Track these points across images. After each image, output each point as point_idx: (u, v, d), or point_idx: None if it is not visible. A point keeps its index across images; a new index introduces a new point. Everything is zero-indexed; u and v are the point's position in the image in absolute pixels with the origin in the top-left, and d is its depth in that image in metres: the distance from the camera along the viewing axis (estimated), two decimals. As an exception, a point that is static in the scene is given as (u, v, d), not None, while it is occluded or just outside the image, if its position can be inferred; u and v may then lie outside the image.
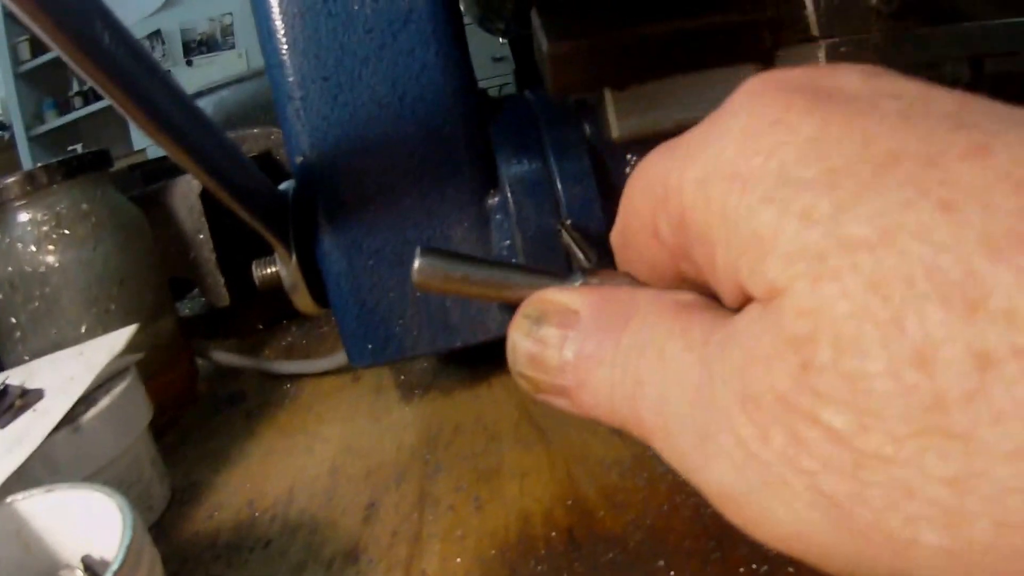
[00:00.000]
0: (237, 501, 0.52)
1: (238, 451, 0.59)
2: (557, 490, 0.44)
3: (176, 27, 4.21)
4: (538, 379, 0.26)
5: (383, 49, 0.50)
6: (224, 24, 4.16)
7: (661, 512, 0.40)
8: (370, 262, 0.52)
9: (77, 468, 0.47)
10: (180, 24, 4.21)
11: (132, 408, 0.52)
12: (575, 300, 0.26)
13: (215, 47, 4.23)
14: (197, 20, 4.21)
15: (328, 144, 0.51)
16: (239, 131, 0.89)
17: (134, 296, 0.63)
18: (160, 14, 4.18)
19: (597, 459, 0.46)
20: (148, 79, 0.37)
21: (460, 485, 0.47)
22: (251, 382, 0.73)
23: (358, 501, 0.48)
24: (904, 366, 0.16)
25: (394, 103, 0.51)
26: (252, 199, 0.46)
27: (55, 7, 0.30)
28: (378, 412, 0.59)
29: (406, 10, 0.50)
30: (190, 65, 4.21)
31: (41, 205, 0.60)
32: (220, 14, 4.16)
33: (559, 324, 0.25)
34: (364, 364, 0.54)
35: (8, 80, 4.29)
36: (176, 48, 4.23)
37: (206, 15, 4.19)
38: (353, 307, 0.53)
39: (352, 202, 0.52)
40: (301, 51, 0.50)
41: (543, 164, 0.51)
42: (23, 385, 0.52)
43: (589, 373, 0.24)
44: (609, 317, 0.25)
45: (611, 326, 0.24)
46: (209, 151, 0.42)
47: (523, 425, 0.52)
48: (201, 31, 4.23)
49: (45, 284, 0.60)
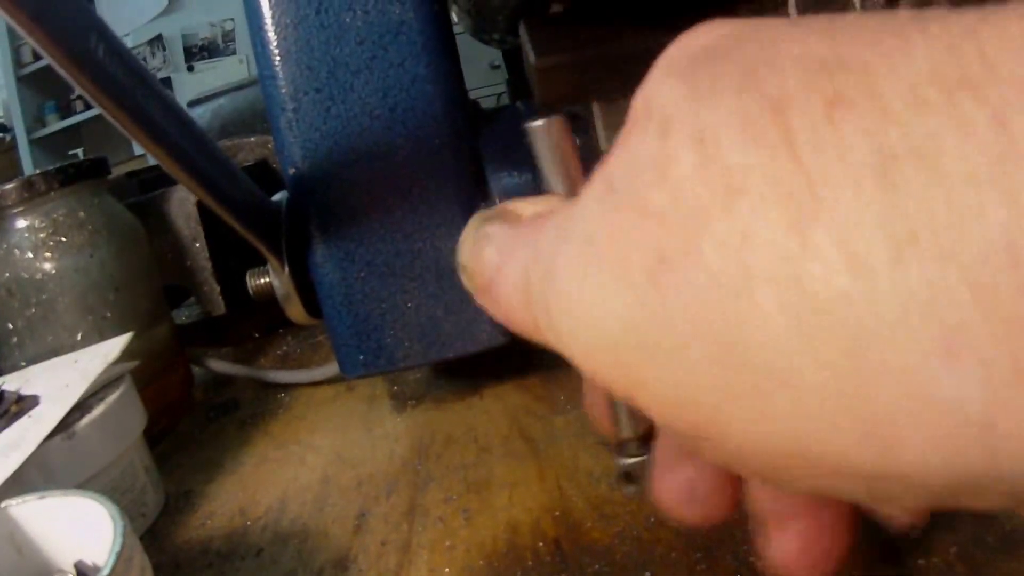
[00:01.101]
0: (230, 509, 0.52)
1: (232, 459, 0.59)
2: (546, 501, 0.44)
3: (178, 32, 4.21)
4: (471, 271, 0.26)
5: (374, 61, 0.51)
6: (225, 30, 4.16)
7: (648, 524, 0.40)
8: (362, 273, 0.52)
9: (71, 474, 0.47)
10: (182, 29, 4.21)
11: (126, 416, 0.52)
12: (527, 208, 0.26)
13: (216, 52, 4.23)
14: (199, 25, 4.21)
15: (320, 155, 0.51)
16: (236, 139, 0.90)
17: (130, 303, 0.64)
18: (162, 19, 4.18)
19: (586, 471, 0.46)
20: (141, 91, 0.37)
21: (450, 496, 0.47)
22: (246, 390, 0.73)
23: (349, 511, 0.48)
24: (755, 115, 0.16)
25: (385, 114, 0.51)
26: (245, 210, 0.47)
27: (50, 21, 0.30)
28: (371, 422, 0.59)
29: (397, 22, 0.51)
30: (191, 70, 4.20)
31: (39, 212, 0.61)
32: (221, 19, 4.16)
33: (502, 222, 0.26)
34: (356, 375, 0.54)
35: (10, 83, 4.30)
36: (178, 53, 4.22)
37: (207, 20, 4.19)
38: (345, 318, 0.53)
39: (344, 213, 0.52)
40: (294, 62, 0.51)
41: (533, 176, 0.51)
42: (19, 391, 0.52)
43: (504, 265, 0.24)
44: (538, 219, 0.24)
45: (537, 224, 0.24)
46: (202, 163, 0.42)
47: (514, 437, 0.52)
48: (203, 36, 4.23)
49: (42, 291, 0.60)
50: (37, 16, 0.30)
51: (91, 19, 0.34)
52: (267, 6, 0.51)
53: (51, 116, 4.44)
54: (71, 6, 0.32)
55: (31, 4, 0.29)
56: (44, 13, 0.30)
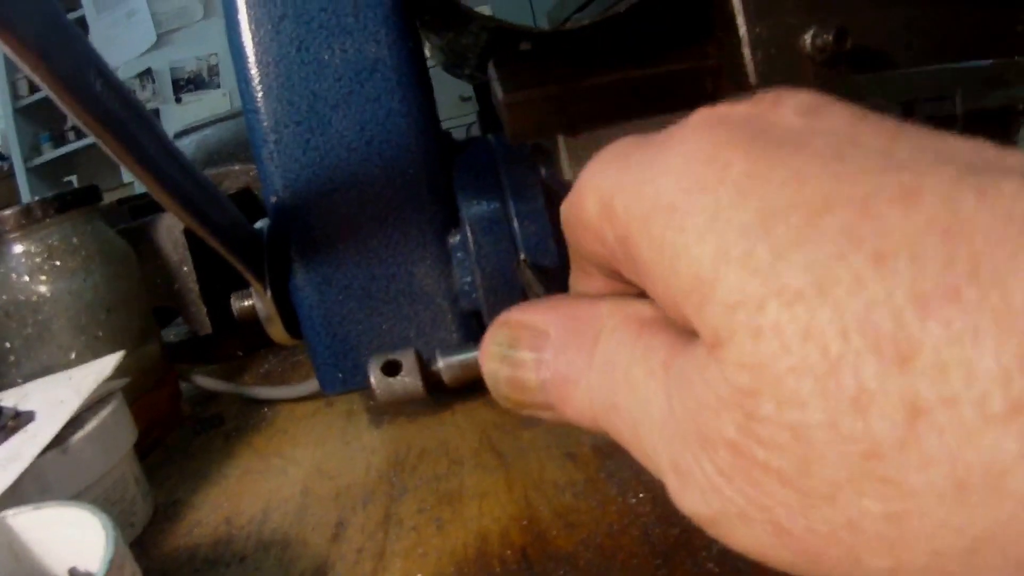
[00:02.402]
0: (215, 518, 0.53)
1: (217, 471, 0.60)
2: (514, 511, 0.46)
3: (166, 66, 4.22)
4: (521, 399, 0.26)
5: (351, 96, 0.52)
6: (211, 64, 4.16)
7: (611, 532, 0.42)
8: (340, 296, 0.54)
9: (66, 486, 0.48)
10: (170, 63, 4.21)
11: (118, 430, 0.53)
12: (541, 320, 0.26)
13: (202, 85, 4.23)
14: (186, 59, 4.21)
15: (300, 185, 0.53)
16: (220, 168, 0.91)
17: (121, 324, 0.66)
18: (151, 53, 4.18)
19: (552, 482, 0.47)
20: (135, 124, 0.39)
21: (423, 506, 0.48)
22: (231, 406, 0.74)
23: (327, 520, 0.49)
24: (840, 416, 0.16)
25: (362, 147, 0.53)
26: (229, 236, 0.48)
27: (54, 60, 0.32)
28: (349, 436, 0.60)
29: (373, 60, 0.52)
30: (179, 102, 4.20)
31: (35, 238, 0.63)
32: (207, 54, 4.17)
33: (530, 347, 0.26)
34: (334, 391, 0.56)
35: (7, 114, 4.34)
36: (166, 86, 4.23)
37: (194, 55, 4.20)
38: (324, 338, 0.55)
39: (323, 240, 0.54)
40: (275, 97, 0.52)
41: (501, 204, 0.53)
42: (16, 407, 0.53)
43: (568, 392, 0.25)
44: (577, 335, 0.25)
45: (580, 344, 0.25)
46: (190, 191, 0.44)
47: (484, 450, 0.53)
48: (190, 70, 4.23)
49: (38, 312, 0.62)
50: (43, 55, 0.31)
51: (91, 57, 0.35)
52: (251, 44, 0.52)
53: (46, 145, 4.47)
54: (74, 46, 0.34)
55: (38, 45, 0.31)
56: (49, 53, 0.32)
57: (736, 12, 0.46)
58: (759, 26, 0.46)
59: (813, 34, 0.45)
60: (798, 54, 0.46)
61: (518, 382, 0.26)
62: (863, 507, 0.17)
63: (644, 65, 0.49)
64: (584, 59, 0.49)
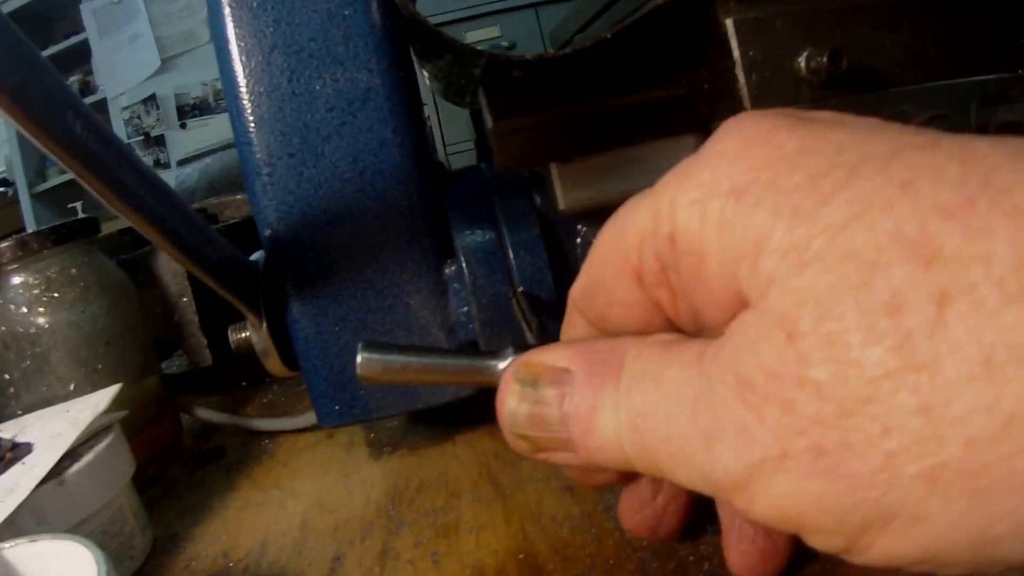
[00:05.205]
0: (213, 552, 0.53)
1: (217, 504, 0.60)
2: (511, 544, 0.45)
3: (171, 91, 4.21)
4: (540, 437, 0.27)
5: (344, 127, 0.52)
6: (216, 88, 4.15)
7: (607, 567, 0.41)
8: (336, 328, 0.54)
9: (62, 519, 0.48)
10: (174, 89, 4.21)
11: (115, 463, 0.53)
12: (562, 358, 0.27)
13: (208, 110, 4.23)
14: (191, 85, 4.21)
15: (294, 217, 0.53)
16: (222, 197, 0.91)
17: (120, 356, 0.66)
18: (156, 79, 4.18)
19: (550, 515, 0.47)
20: (117, 163, 0.39)
21: (420, 540, 0.48)
22: (232, 438, 0.75)
23: (325, 554, 0.49)
24: (875, 317, 0.19)
25: (355, 178, 0.53)
26: (221, 270, 0.48)
27: (30, 103, 0.32)
28: (348, 468, 0.61)
29: (364, 90, 0.52)
30: (184, 127, 4.21)
31: (33, 269, 0.63)
32: (212, 79, 4.17)
33: (553, 383, 0.27)
34: (332, 424, 0.56)
35: (12, 140, 4.34)
36: (171, 111, 4.23)
37: (199, 80, 4.20)
38: (321, 370, 0.54)
39: (318, 272, 0.54)
40: (268, 129, 0.52)
41: (496, 234, 0.53)
42: (14, 439, 0.53)
43: (593, 420, 0.26)
44: (600, 367, 0.26)
45: (605, 373, 0.26)
46: (178, 228, 0.43)
47: (483, 482, 0.53)
48: (195, 95, 4.23)
49: (36, 344, 0.62)
50: (16, 99, 0.31)
51: (68, 97, 0.35)
52: (242, 75, 0.52)
53: (52, 171, 4.47)
54: (49, 88, 0.33)
55: (12, 89, 0.31)
56: (23, 96, 0.31)
57: (729, 35, 0.46)
58: (752, 49, 0.46)
59: (807, 56, 0.45)
60: (793, 76, 0.46)
61: (539, 418, 0.27)
62: (898, 404, 0.18)
63: (637, 90, 0.49)
64: (576, 85, 0.49)
